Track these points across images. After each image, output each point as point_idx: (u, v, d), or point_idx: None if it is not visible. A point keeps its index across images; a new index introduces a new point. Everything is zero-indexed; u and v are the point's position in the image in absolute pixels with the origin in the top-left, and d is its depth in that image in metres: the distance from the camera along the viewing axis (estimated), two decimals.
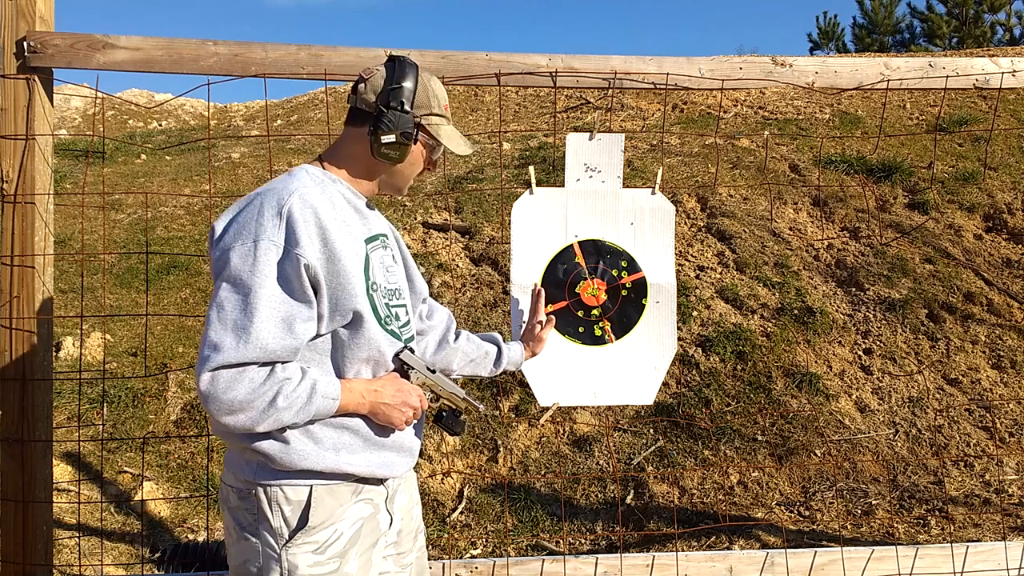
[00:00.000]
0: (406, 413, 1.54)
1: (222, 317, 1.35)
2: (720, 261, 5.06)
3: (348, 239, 1.48)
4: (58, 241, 5.26)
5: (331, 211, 1.47)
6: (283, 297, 1.38)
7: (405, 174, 1.63)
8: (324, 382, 1.44)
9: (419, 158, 1.62)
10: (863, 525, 3.47)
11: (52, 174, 2.25)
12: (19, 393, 2.18)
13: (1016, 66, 2.49)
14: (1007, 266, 5.09)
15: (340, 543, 1.48)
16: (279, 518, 1.45)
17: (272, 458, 1.44)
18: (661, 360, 2.35)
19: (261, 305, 1.35)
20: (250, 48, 2.22)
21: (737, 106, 7.65)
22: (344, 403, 1.46)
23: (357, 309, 1.46)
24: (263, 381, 1.36)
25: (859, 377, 4.28)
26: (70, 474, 3.55)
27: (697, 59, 2.39)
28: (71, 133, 10.00)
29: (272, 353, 1.36)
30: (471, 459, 3.85)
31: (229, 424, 1.37)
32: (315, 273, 1.40)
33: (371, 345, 1.51)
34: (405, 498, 1.71)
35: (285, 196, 1.42)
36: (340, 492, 1.50)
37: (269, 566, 1.45)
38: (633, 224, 2.34)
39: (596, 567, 2.45)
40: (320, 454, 1.46)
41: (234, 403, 1.34)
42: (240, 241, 1.39)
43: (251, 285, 1.36)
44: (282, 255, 1.38)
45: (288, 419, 1.39)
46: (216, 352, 1.33)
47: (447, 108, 1.63)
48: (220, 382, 1.34)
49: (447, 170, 6.51)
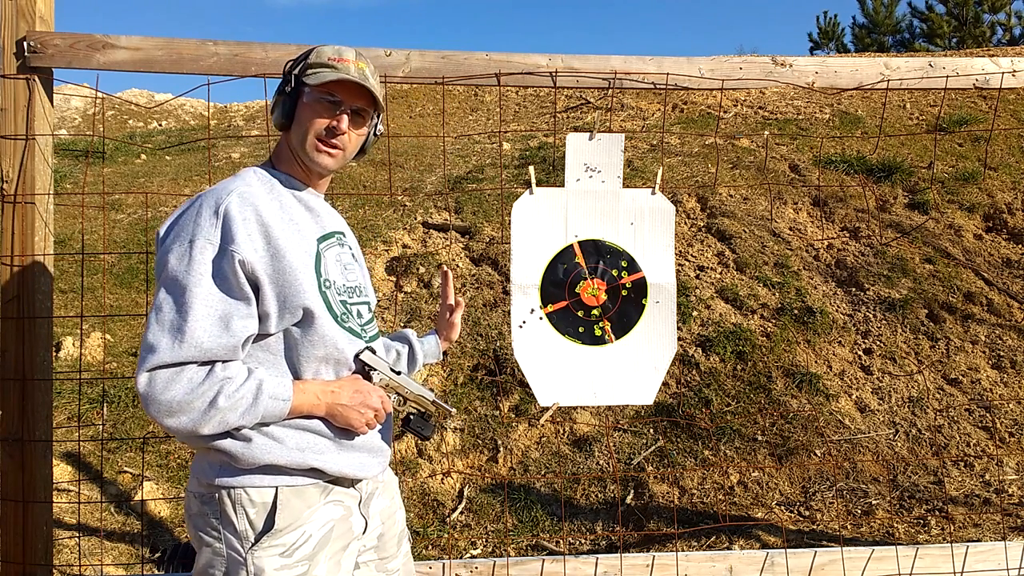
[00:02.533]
0: (365, 415, 1.50)
1: (160, 318, 1.35)
2: (720, 261, 5.06)
3: (295, 237, 1.46)
4: (58, 241, 5.26)
5: (276, 210, 1.47)
6: (219, 295, 1.36)
7: (300, 134, 1.54)
8: (272, 383, 1.41)
9: (309, 114, 1.52)
10: (863, 525, 3.47)
11: (52, 174, 2.25)
12: (19, 393, 2.18)
13: (1016, 66, 2.49)
14: (1007, 266, 5.09)
15: (308, 546, 1.45)
16: (244, 521, 1.42)
17: (234, 456, 1.41)
18: (661, 360, 2.35)
19: (196, 304, 1.34)
20: (250, 48, 2.22)
21: (737, 106, 7.65)
22: (297, 404, 1.44)
23: (307, 306, 1.44)
24: (201, 381, 1.34)
25: (859, 377, 4.28)
26: (70, 474, 3.55)
27: (697, 59, 2.39)
28: (71, 133, 10.00)
29: (208, 352, 1.34)
30: (471, 459, 3.85)
31: (171, 427, 1.35)
32: (252, 270, 1.38)
33: (326, 343, 1.48)
34: (385, 502, 1.68)
35: (223, 195, 1.42)
36: (308, 493, 1.47)
37: (236, 571, 1.41)
38: (633, 224, 2.34)
39: (596, 567, 2.45)
40: (284, 450, 1.44)
41: (172, 404, 1.33)
42: (178, 242, 1.39)
43: (186, 284, 1.35)
44: (218, 253, 1.37)
45: (234, 420, 1.37)
46: (152, 353, 1.33)
47: (338, 60, 1.52)
48: (157, 383, 1.33)
49: (447, 170, 6.51)
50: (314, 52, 1.54)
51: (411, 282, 4.87)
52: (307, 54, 1.55)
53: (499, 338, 4.34)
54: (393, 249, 5.21)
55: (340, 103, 1.52)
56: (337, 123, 1.52)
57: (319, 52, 1.54)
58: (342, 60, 1.52)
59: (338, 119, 1.52)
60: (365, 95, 1.55)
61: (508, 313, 3.49)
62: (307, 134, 1.52)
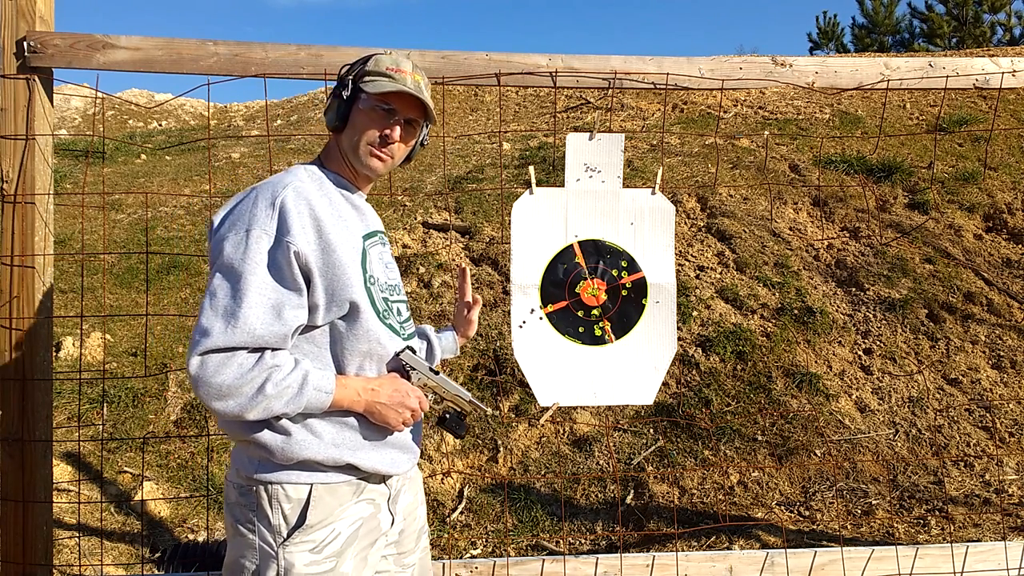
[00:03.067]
0: (403, 414, 1.54)
1: (213, 304, 1.38)
2: (720, 261, 5.06)
3: (344, 233, 1.51)
4: (58, 241, 5.26)
5: (327, 206, 1.51)
6: (273, 284, 1.40)
7: (352, 138, 1.59)
8: (317, 375, 1.45)
9: (364, 120, 1.57)
10: (863, 525, 3.47)
11: (52, 174, 2.25)
12: (19, 393, 2.18)
13: (1016, 66, 2.48)
14: (1007, 266, 5.09)
15: (337, 543, 1.49)
16: (279, 515, 1.46)
17: (272, 451, 1.45)
18: (661, 360, 2.35)
19: (251, 291, 1.38)
20: (250, 48, 2.22)
21: (737, 106, 7.65)
22: (338, 399, 1.47)
23: (354, 299, 1.48)
24: (252, 367, 1.37)
25: (859, 377, 4.28)
26: (70, 474, 3.55)
27: (697, 59, 2.39)
28: (71, 133, 10.00)
29: (260, 339, 1.38)
30: (471, 459, 3.85)
31: (219, 410, 1.38)
32: (306, 261, 1.42)
33: (370, 337, 1.52)
34: (409, 498, 1.71)
35: (279, 188, 1.46)
36: (341, 491, 1.51)
37: (267, 564, 1.45)
38: (633, 224, 2.34)
39: (596, 567, 2.45)
40: (321, 446, 1.47)
41: (222, 387, 1.36)
42: (234, 231, 1.43)
43: (242, 272, 1.39)
44: (273, 243, 1.41)
45: (278, 408, 1.40)
46: (205, 336, 1.36)
47: (396, 70, 1.57)
48: (209, 366, 1.36)
49: (447, 170, 6.51)
50: (372, 60, 1.59)
51: (411, 282, 4.88)
52: (365, 61, 1.60)
53: (499, 338, 4.34)
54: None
55: (395, 112, 1.58)
56: (391, 132, 1.58)
57: (377, 60, 1.59)
58: (400, 71, 1.57)
59: (392, 128, 1.58)
60: (419, 107, 1.61)
61: (508, 313, 3.49)
62: (360, 139, 1.58)
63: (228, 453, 3.83)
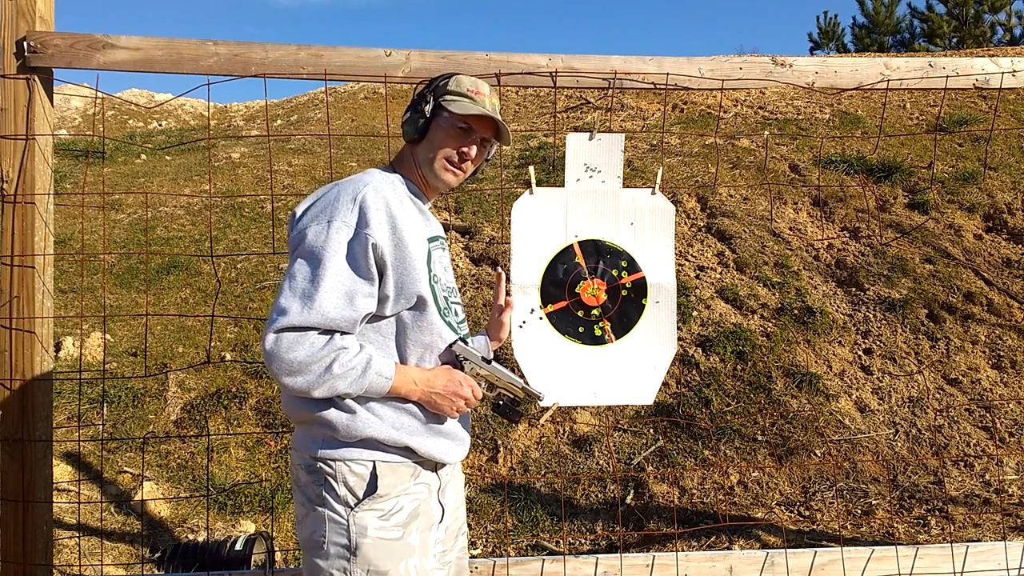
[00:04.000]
0: (456, 403, 1.62)
1: (292, 286, 1.49)
2: (720, 261, 5.06)
3: (415, 231, 1.61)
4: (58, 241, 5.26)
5: (400, 206, 1.61)
6: (348, 273, 1.50)
7: (429, 152, 1.70)
8: (379, 361, 1.54)
9: (443, 136, 1.69)
10: (863, 525, 3.47)
11: (52, 174, 2.25)
12: (19, 393, 2.18)
13: (1016, 66, 2.48)
14: (1007, 266, 5.09)
15: (402, 515, 1.57)
16: (344, 487, 1.54)
17: (336, 428, 1.53)
18: (661, 360, 2.35)
19: (328, 277, 1.48)
20: (250, 48, 2.22)
21: (737, 106, 7.65)
22: (396, 385, 1.56)
23: (421, 294, 1.58)
24: (322, 347, 1.47)
25: (859, 377, 4.28)
26: (70, 474, 3.55)
27: (697, 59, 2.39)
28: (71, 133, 10.00)
29: (332, 321, 1.47)
30: (471, 459, 3.85)
31: (289, 385, 1.48)
32: (382, 254, 1.52)
33: (433, 331, 1.62)
34: (454, 496, 1.77)
35: (360, 186, 1.57)
36: (401, 471, 1.59)
37: (339, 531, 1.53)
38: (633, 224, 2.34)
39: (596, 567, 2.45)
40: (383, 426, 1.56)
41: (294, 363, 1.45)
42: (316, 221, 1.53)
43: (321, 258, 1.49)
44: (353, 235, 1.51)
45: (343, 388, 1.50)
46: (282, 316, 1.46)
47: (476, 92, 1.70)
48: (283, 343, 1.45)
49: None
50: (453, 80, 1.71)
51: None
52: (446, 79, 1.72)
53: None
54: None
55: (473, 132, 1.70)
56: (468, 150, 1.70)
57: (459, 82, 1.71)
58: (480, 93, 1.71)
59: (469, 146, 1.70)
60: (493, 128, 1.74)
61: None
62: (438, 154, 1.69)
63: (228, 453, 3.83)
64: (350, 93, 9.77)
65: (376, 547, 1.52)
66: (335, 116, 9.00)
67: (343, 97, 9.77)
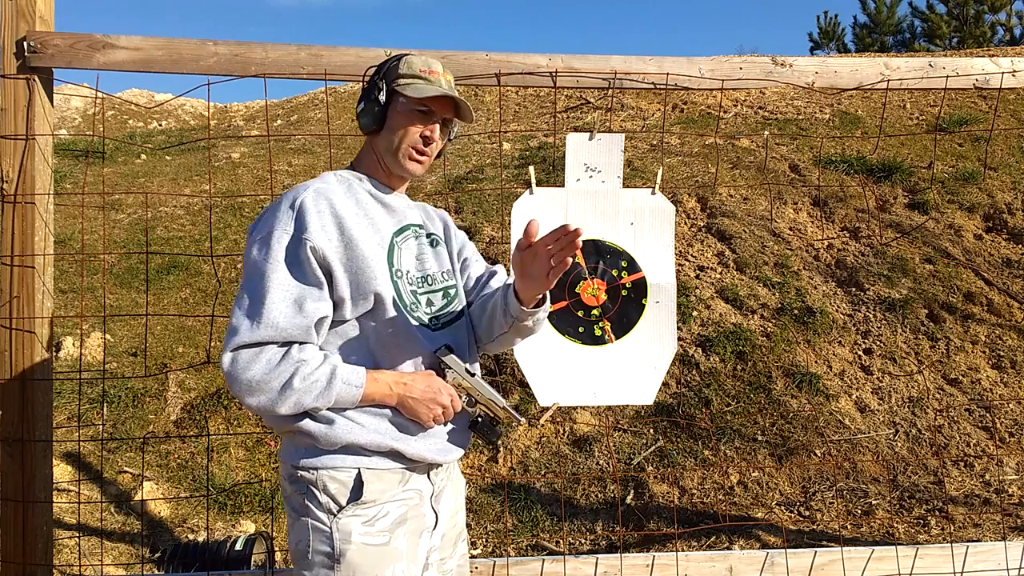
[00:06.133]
0: (434, 410, 1.56)
1: (241, 303, 1.47)
2: (720, 261, 5.06)
3: (368, 229, 1.56)
4: (58, 241, 5.26)
5: (352, 205, 1.57)
6: (292, 281, 1.46)
7: (390, 141, 1.62)
8: (346, 369, 1.50)
9: (402, 122, 1.61)
10: (863, 525, 3.47)
11: (52, 174, 2.25)
12: (19, 393, 2.18)
13: (1016, 66, 2.48)
14: (1007, 266, 5.09)
15: (387, 520, 1.53)
16: (325, 495, 1.50)
17: (317, 437, 1.50)
18: (661, 360, 2.35)
19: (272, 288, 1.45)
20: (250, 48, 2.22)
21: (737, 106, 7.65)
22: (369, 392, 1.51)
23: (377, 291, 1.52)
24: (279, 361, 1.44)
25: (859, 377, 4.28)
26: (70, 474, 3.55)
27: (697, 59, 2.39)
28: (71, 133, 10.00)
29: (284, 331, 1.44)
30: (471, 459, 3.85)
31: (252, 405, 1.45)
32: (323, 256, 1.47)
33: (398, 329, 1.56)
34: (451, 501, 1.72)
35: (300, 192, 1.53)
36: (387, 478, 1.54)
37: (320, 539, 1.49)
38: (633, 224, 2.34)
39: (596, 567, 2.45)
40: (365, 432, 1.52)
41: (252, 382, 1.43)
42: (258, 234, 1.51)
43: (264, 271, 1.46)
44: (292, 241, 1.47)
45: (309, 402, 1.46)
46: (234, 334, 1.44)
47: (429, 72, 1.62)
48: (240, 362, 1.43)
49: (447, 170, 6.51)
50: (403, 62, 1.63)
51: None
52: (395, 63, 1.63)
53: None
54: None
55: (433, 114, 1.62)
56: (431, 133, 1.62)
57: (409, 63, 1.62)
58: (433, 73, 1.62)
59: (431, 129, 1.62)
60: (453, 107, 1.65)
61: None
62: (400, 142, 1.62)
63: (228, 453, 3.83)
64: (350, 93, 9.76)
65: (361, 553, 1.48)
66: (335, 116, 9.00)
67: (343, 97, 9.77)
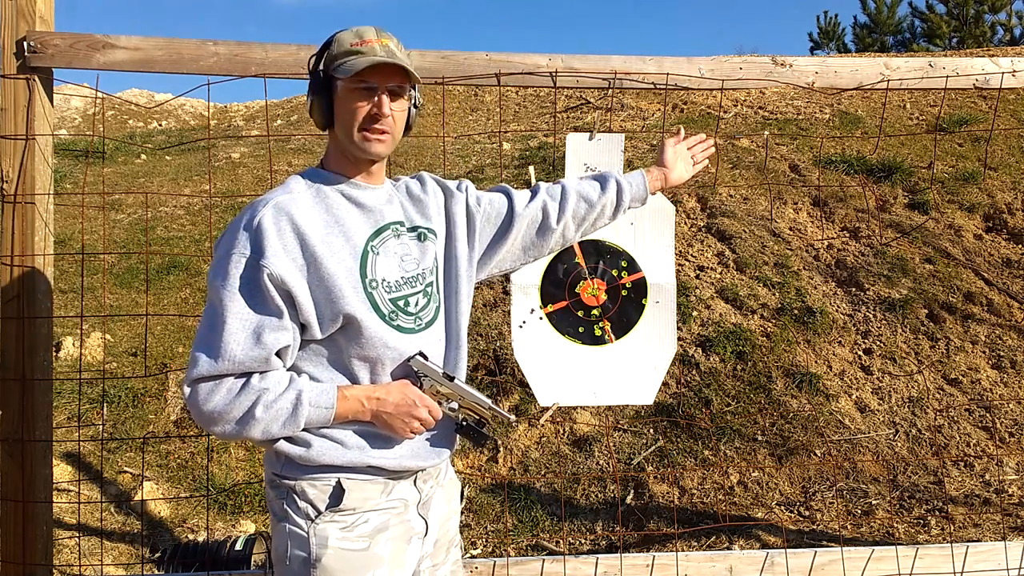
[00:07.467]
0: (410, 424, 1.49)
1: (201, 331, 1.42)
2: (720, 261, 5.06)
3: (337, 242, 1.46)
4: (58, 241, 5.25)
5: (318, 215, 1.47)
6: (249, 311, 1.39)
7: (343, 129, 1.50)
8: (314, 392, 1.43)
9: (348, 105, 1.48)
10: (863, 525, 3.47)
11: (52, 174, 2.25)
12: (19, 393, 2.18)
13: (1016, 66, 2.48)
14: (1007, 266, 5.09)
15: (367, 527, 1.49)
16: (304, 501, 1.47)
17: (293, 458, 1.47)
18: (661, 360, 2.35)
19: (230, 318, 1.38)
20: (250, 48, 2.22)
21: (737, 106, 7.65)
22: (341, 411, 1.45)
23: (348, 312, 1.43)
24: (239, 392, 1.39)
25: (859, 377, 4.28)
26: (70, 474, 3.55)
27: (697, 59, 2.39)
28: (71, 133, 10.00)
29: (241, 364, 1.38)
30: (471, 459, 3.85)
31: (217, 433, 1.42)
32: (283, 281, 1.39)
33: (375, 344, 1.47)
34: (443, 507, 1.68)
35: (260, 208, 1.43)
36: (368, 489, 1.50)
37: (297, 544, 1.46)
38: (633, 224, 2.34)
39: (596, 567, 2.45)
40: (343, 451, 1.47)
41: (213, 414, 1.39)
42: (217, 255, 1.43)
43: (222, 298, 1.39)
44: (249, 266, 1.39)
45: (277, 430, 1.42)
46: (194, 366, 1.39)
47: (361, 43, 1.47)
48: (200, 394, 1.39)
49: (447, 170, 6.51)
50: (334, 42, 1.50)
51: None
52: (327, 46, 1.51)
53: (499, 338, 4.34)
54: None
55: (375, 87, 1.47)
56: (378, 108, 1.47)
57: (339, 41, 1.49)
58: (365, 42, 1.47)
59: (378, 104, 1.47)
60: (398, 72, 1.48)
61: (508, 313, 3.49)
62: (352, 127, 1.48)
63: (228, 453, 3.83)
64: None
65: (337, 558, 1.44)
66: None
67: None
